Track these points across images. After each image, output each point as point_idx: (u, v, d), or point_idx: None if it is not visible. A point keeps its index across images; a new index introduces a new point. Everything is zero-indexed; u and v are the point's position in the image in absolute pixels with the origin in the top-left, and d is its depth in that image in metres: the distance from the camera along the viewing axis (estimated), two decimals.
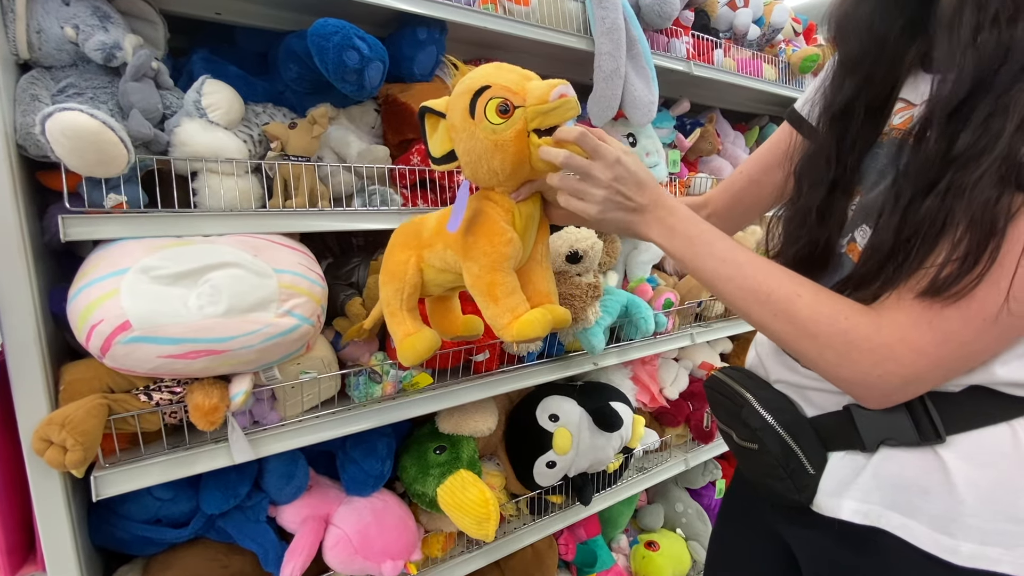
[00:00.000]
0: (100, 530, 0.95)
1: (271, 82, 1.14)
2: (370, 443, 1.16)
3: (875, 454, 0.59)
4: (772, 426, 0.65)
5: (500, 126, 0.67)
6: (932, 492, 0.56)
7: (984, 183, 0.47)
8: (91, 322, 0.77)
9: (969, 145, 0.49)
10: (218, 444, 0.93)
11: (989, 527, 0.53)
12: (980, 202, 0.47)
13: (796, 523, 0.69)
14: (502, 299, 0.72)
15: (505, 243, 0.72)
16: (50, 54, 0.86)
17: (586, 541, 1.63)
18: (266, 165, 1.00)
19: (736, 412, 0.69)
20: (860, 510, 0.60)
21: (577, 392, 1.43)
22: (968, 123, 0.49)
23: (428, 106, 0.75)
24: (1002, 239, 0.47)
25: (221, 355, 0.83)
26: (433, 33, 1.17)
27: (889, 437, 0.58)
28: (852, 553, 0.61)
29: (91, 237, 0.83)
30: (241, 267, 0.85)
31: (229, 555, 1.06)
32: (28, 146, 0.81)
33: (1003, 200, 0.47)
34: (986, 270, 0.47)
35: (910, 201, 0.52)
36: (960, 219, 0.48)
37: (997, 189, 0.47)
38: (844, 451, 0.62)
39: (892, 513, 0.58)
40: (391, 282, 0.84)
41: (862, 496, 0.60)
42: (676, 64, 1.56)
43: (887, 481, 0.58)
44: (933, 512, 0.55)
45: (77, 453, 0.75)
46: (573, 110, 0.68)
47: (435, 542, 1.28)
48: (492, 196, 0.75)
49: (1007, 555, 0.53)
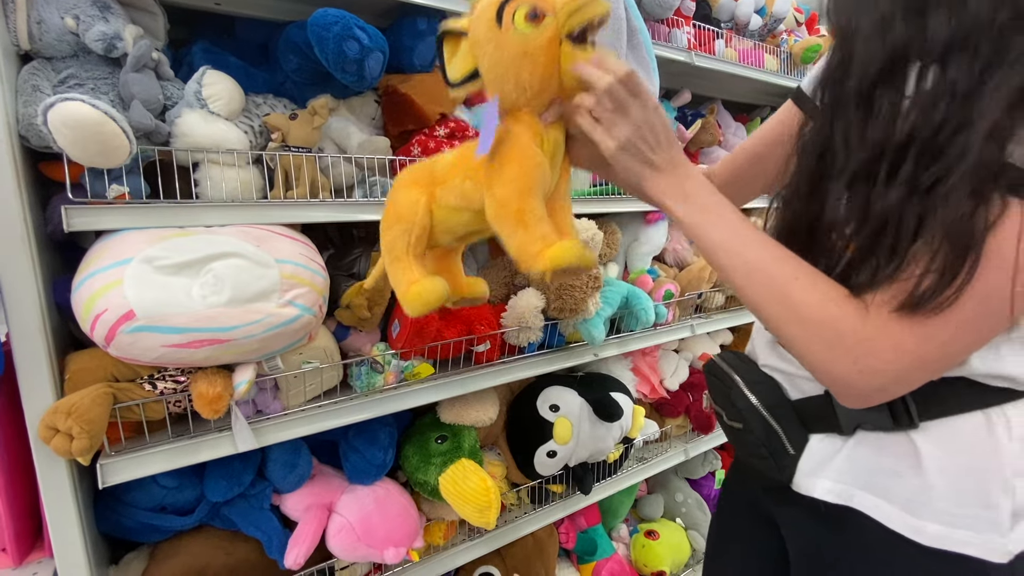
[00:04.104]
0: (106, 517, 0.96)
1: (271, 73, 1.13)
2: (372, 432, 1.17)
3: (851, 437, 0.61)
4: (756, 407, 0.67)
5: (531, 33, 0.62)
6: (903, 475, 0.58)
7: (957, 195, 0.46)
8: (95, 311, 0.78)
9: (939, 157, 0.48)
10: (222, 433, 0.94)
11: (958, 511, 0.55)
12: (955, 217, 0.46)
13: (782, 502, 0.71)
14: (532, 226, 0.65)
15: (535, 166, 0.66)
16: (51, 45, 0.86)
17: (586, 530, 1.65)
18: (267, 156, 1.00)
19: (726, 393, 0.71)
20: (834, 490, 0.62)
21: (577, 382, 1.44)
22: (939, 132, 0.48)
23: (449, 27, 0.70)
24: (980, 252, 0.46)
25: (224, 344, 0.83)
26: (433, 23, 1.16)
27: (865, 421, 0.60)
28: (827, 531, 0.64)
29: (94, 227, 0.83)
30: (243, 257, 0.85)
31: (233, 542, 1.07)
32: (30, 137, 0.81)
33: (979, 213, 0.46)
34: (965, 283, 0.47)
35: (885, 204, 0.51)
36: (936, 231, 0.48)
37: (972, 201, 0.46)
38: (824, 433, 0.63)
39: (864, 493, 0.60)
40: (397, 224, 0.75)
41: (836, 476, 0.62)
42: (677, 54, 1.55)
43: (861, 463, 0.60)
44: (903, 494, 0.57)
45: (83, 441, 0.76)
46: (604, 5, 0.64)
47: (437, 530, 1.30)
48: (520, 117, 0.68)
49: (976, 538, 0.54)
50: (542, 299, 1.24)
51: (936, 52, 0.48)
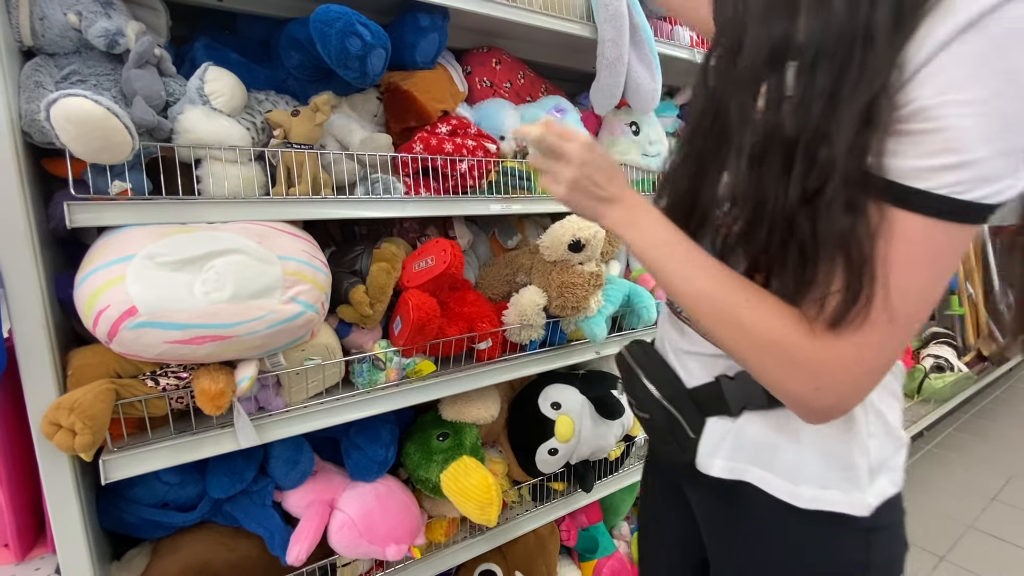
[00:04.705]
0: (108, 514, 0.97)
1: (273, 70, 1.13)
2: (374, 429, 1.17)
3: (739, 418, 0.67)
4: (657, 399, 0.71)
5: None
6: (782, 448, 0.63)
7: (836, 207, 0.49)
8: (98, 307, 0.78)
9: (815, 163, 0.49)
10: (224, 429, 0.94)
11: (828, 474, 0.62)
12: (840, 232, 0.49)
13: (691, 483, 0.77)
14: None
15: None
16: (53, 41, 0.86)
17: (588, 527, 1.65)
18: (269, 153, 1.00)
19: (632, 385, 0.76)
20: (727, 466, 0.67)
21: (579, 380, 1.43)
22: (814, 136, 0.49)
23: None
24: (872, 262, 0.48)
25: (227, 341, 0.83)
26: (435, 20, 1.16)
27: (749, 403, 0.65)
28: (725, 504, 0.70)
29: (96, 224, 0.83)
30: (245, 254, 0.85)
31: (236, 539, 1.07)
32: (33, 133, 0.81)
33: (858, 226, 0.48)
34: (872, 293, 0.49)
35: (784, 203, 0.52)
36: (828, 246, 0.50)
37: (850, 216, 0.48)
38: (717, 416, 0.68)
39: (752, 467, 0.65)
40: None
41: (728, 455, 0.67)
42: (680, 52, 1.55)
43: (748, 440, 0.66)
44: (784, 465, 0.63)
45: (86, 436, 0.76)
46: None
47: (438, 527, 1.30)
48: None
49: (843, 497, 0.61)
50: (544, 297, 1.24)
51: (809, 55, 0.50)
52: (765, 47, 0.53)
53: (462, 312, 1.20)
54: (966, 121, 0.43)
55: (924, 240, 0.47)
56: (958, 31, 0.43)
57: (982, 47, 0.42)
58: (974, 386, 3.21)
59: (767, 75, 0.53)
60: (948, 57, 0.43)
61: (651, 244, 0.63)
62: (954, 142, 0.43)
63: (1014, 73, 0.42)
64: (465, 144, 1.19)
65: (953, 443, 2.88)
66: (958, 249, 0.48)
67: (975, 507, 2.30)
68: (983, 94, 0.43)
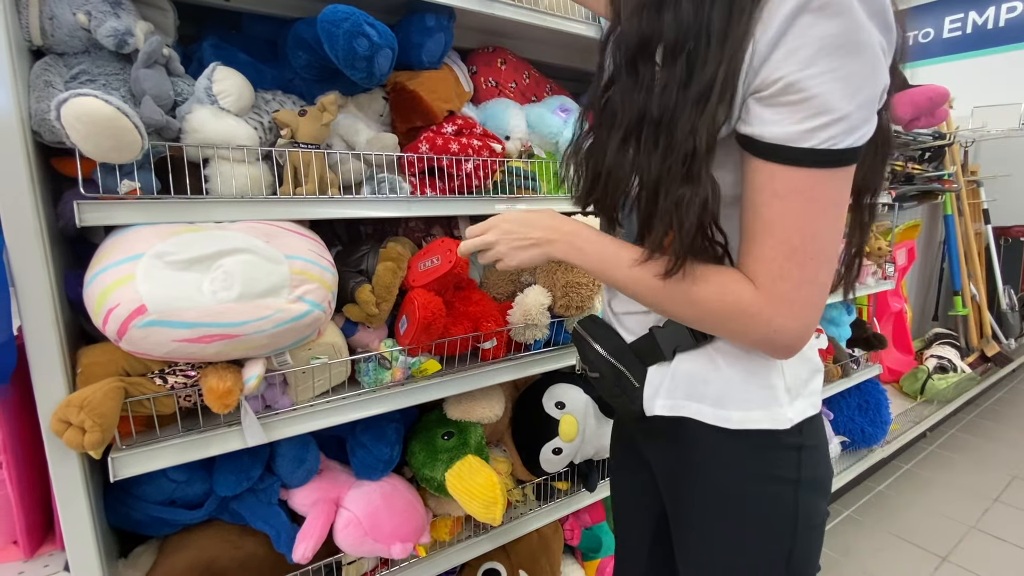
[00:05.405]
0: (116, 511, 0.97)
1: (280, 69, 1.14)
2: (379, 428, 1.18)
3: (673, 360, 0.72)
4: (604, 356, 0.77)
5: None
6: (711, 379, 0.70)
7: (675, 180, 0.58)
8: (108, 306, 0.78)
9: (672, 143, 0.58)
10: (231, 427, 0.94)
11: (750, 396, 0.68)
12: (671, 203, 0.58)
13: (644, 435, 0.83)
14: None
15: None
16: (63, 40, 0.86)
17: (591, 527, 1.65)
18: (276, 152, 1.01)
19: (584, 351, 0.81)
20: (667, 404, 0.73)
21: (583, 380, 1.44)
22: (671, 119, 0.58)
23: None
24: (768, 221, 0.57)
25: (234, 339, 0.84)
26: (442, 20, 1.17)
27: (679, 344, 0.71)
28: (670, 441, 0.76)
29: (105, 223, 0.84)
30: (253, 253, 0.86)
31: (242, 536, 1.08)
32: (43, 132, 0.81)
33: (694, 198, 0.57)
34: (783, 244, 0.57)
35: (651, 175, 0.60)
36: (679, 211, 0.58)
37: (688, 187, 0.57)
38: (656, 364, 0.74)
39: (688, 402, 0.71)
40: None
41: (667, 394, 0.73)
42: None
43: (682, 379, 0.72)
44: (713, 394, 0.70)
45: (95, 434, 0.77)
46: None
47: (443, 526, 1.30)
48: None
49: (766, 414, 0.68)
50: (548, 296, 1.24)
51: (668, 46, 0.58)
52: (635, 37, 0.61)
53: (467, 311, 1.21)
54: (827, 86, 0.51)
55: (815, 187, 0.55)
56: (795, 13, 0.51)
57: (815, 22, 0.51)
58: (977, 387, 3.21)
59: (641, 62, 0.61)
60: (795, 36, 0.52)
61: (596, 260, 0.71)
62: (824, 105, 0.52)
63: (844, 36, 0.51)
64: (471, 144, 1.20)
65: (956, 444, 2.88)
66: (844, 188, 0.57)
67: (978, 508, 2.30)
68: (834, 63, 0.51)
